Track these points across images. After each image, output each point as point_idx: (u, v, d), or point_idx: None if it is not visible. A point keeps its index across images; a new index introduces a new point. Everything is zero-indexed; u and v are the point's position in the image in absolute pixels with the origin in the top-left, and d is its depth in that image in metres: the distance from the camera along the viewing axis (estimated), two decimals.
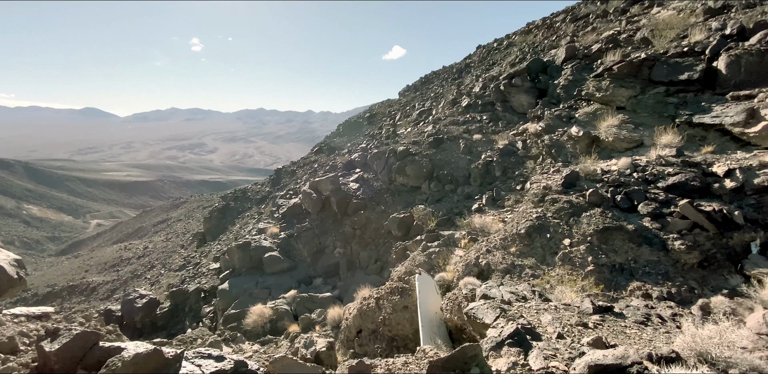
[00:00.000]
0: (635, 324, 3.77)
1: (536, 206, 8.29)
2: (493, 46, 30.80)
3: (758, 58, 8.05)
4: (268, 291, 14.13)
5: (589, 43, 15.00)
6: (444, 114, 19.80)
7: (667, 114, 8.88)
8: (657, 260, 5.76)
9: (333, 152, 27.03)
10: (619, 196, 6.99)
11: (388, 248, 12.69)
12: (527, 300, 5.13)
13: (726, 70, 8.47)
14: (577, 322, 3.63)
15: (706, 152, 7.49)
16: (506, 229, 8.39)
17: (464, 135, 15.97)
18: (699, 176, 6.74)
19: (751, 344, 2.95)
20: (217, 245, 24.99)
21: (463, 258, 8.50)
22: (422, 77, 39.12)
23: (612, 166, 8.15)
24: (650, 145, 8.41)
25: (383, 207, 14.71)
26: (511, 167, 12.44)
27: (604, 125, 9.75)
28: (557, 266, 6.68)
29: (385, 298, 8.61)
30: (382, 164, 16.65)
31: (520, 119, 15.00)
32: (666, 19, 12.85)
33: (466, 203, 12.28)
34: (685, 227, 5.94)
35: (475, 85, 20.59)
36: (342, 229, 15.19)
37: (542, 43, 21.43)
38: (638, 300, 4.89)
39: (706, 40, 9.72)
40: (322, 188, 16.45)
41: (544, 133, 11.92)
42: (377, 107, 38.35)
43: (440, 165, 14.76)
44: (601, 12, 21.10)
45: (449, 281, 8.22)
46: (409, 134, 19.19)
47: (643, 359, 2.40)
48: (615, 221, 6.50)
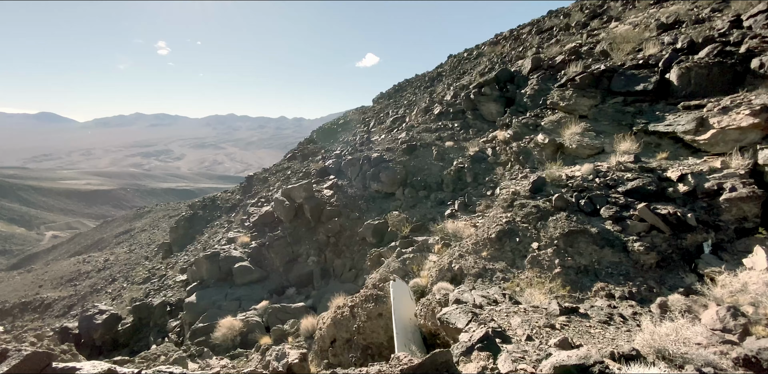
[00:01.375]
0: (599, 323, 3.91)
1: (506, 211, 8.49)
2: (464, 55, 31.70)
3: (706, 71, 8.68)
4: (239, 302, 13.65)
5: (553, 54, 15.72)
6: (417, 121, 20.08)
7: (626, 122, 9.40)
8: (619, 262, 6.02)
9: (307, 159, 26.73)
10: (582, 200, 7.28)
11: (362, 256, 12.59)
12: (498, 303, 5.21)
13: (677, 82, 9.08)
14: (545, 324, 3.72)
15: (661, 158, 7.96)
16: (478, 234, 8.54)
17: (437, 142, 16.24)
18: (655, 181, 7.15)
19: (705, 340, 3.12)
20: (184, 256, 23.97)
21: (437, 263, 8.56)
22: (396, 85, 39.63)
23: (576, 172, 8.49)
24: (610, 152, 8.85)
25: (358, 214, 14.63)
26: (482, 173, 12.73)
27: (568, 133, 10.18)
28: (526, 269, 6.85)
29: (360, 306, 8.51)
30: (356, 170, 16.61)
31: (489, 127, 15.43)
32: (623, 34, 13.68)
33: (439, 209, 12.42)
34: (643, 230, 6.26)
35: (447, 94, 21.05)
36: (316, 237, 14.96)
37: (510, 54, 22.27)
38: (602, 300, 5.07)
39: (660, 53, 10.41)
40: (296, 195, 16.19)
41: (513, 140, 12.31)
42: (351, 113, 38.42)
43: (414, 172, 14.90)
44: (564, 25, 22.23)
45: (423, 286, 8.24)
46: (383, 141, 19.31)
47: (605, 358, 2.48)
48: (579, 225, 6.76)
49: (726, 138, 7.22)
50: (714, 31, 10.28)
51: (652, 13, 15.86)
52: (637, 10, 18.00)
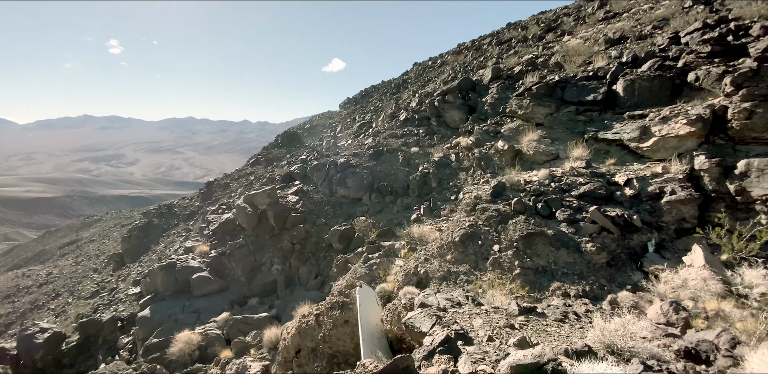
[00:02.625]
0: (555, 322, 4.08)
1: (468, 214, 8.70)
2: (428, 64, 32.45)
3: (648, 83, 9.42)
4: (197, 315, 12.97)
5: (512, 65, 16.46)
6: (384, 127, 20.24)
7: (578, 130, 9.97)
8: (573, 262, 6.34)
9: (271, 164, 26.09)
10: (539, 204, 7.62)
11: (329, 262, 12.41)
12: (461, 305, 5.30)
13: (623, 93, 9.78)
14: (505, 324, 3.82)
15: (610, 163, 8.51)
16: (442, 238, 8.68)
17: (403, 148, 16.42)
18: (605, 185, 7.62)
19: (650, 334, 3.33)
20: (137, 268, 22.51)
21: (403, 268, 8.60)
22: (362, 91, 39.81)
23: (533, 177, 8.89)
24: (564, 158, 9.35)
25: (324, 220, 14.43)
26: (446, 178, 13.01)
27: (525, 140, 10.65)
28: (488, 271, 7.03)
29: (325, 314, 8.36)
30: (322, 176, 16.43)
31: (453, 134, 15.83)
32: (575, 47, 14.58)
33: (405, 214, 12.52)
34: (594, 231, 6.64)
35: (412, 101, 21.41)
36: (280, 244, 14.58)
37: (471, 63, 23.07)
38: (558, 299, 5.30)
39: (607, 66, 11.18)
40: (259, 201, 15.72)
41: (475, 147, 12.70)
42: (318, 118, 38.10)
43: (380, 177, 14.96)
44: (522, 37, 23.39)
45: (390, 291, 8.23)
46: (349, 146, 19.26)
47: (559, 355, 2.58)
48: (537, 227, 7.05)
49: (666, 145, 7.85)
50: (655, 46, 11.20)
51: (600, 28, 17.05)
52: (588, 25, 19.30)
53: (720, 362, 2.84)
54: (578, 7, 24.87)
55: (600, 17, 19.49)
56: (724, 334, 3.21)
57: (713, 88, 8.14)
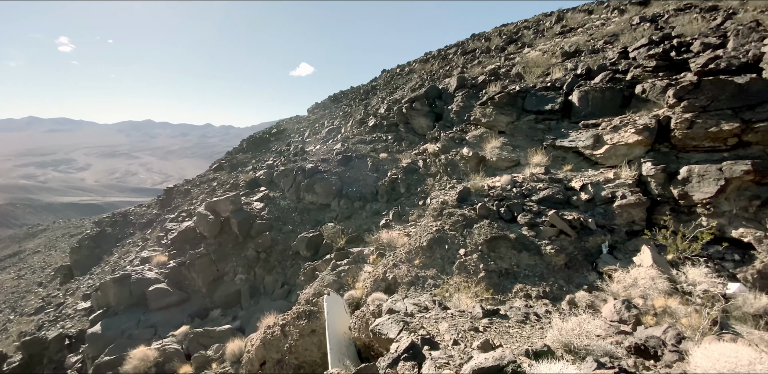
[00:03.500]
0: (517, 323, 4.20)
1: (436, 219, 8.83)
2: (396, 71, 32.92)
3: (601, 94, 10.03)
4: (153, 329, 12.22)
5: (476, 74, 17.02)
6: (352, 133, 20.23)
7: (537, 138, 10.44)
8: (534, 264, 6.58)
9: (235, 169, 25.27)
10: (502, 209, 7.86)
11: (296, 271, 12.13)
12: (429, 309, 5.33)
13: (578, 103, 10.36)
14: (469, 327, 3.89)
15: (567, 170, 8.95)
16: (410, 243, 8.74)
17: (371, 153, 16.47)
18: (562, 190, 8.00)
19: (603, 332, 3.49)
20: (87, 281, 20.95)
21: (372, 274, 8.55)
22: (331, 96, 39.67)
23: (496, 182, 9.18)
24: (525, 164, 9.74)
25: (291, 227, 14.12)
26: (414, 184, 13.16)
27: (489, 147, 11.00)
28: (455, 275, 7.14)
29: (292, 324, 8.13)
30: (289, 181, 16.11)
31: (420, 140, 16.09)
32: (534, 59, 15.32)
33: (374, 220, 12.51)
34: (553, 234, 6.93)
35: (381, 107, 21.58)
36: (244, 253, 14.08)
37: (438, 72, 23.64)
38: (520, 300, 5.47)
39: (564, 77, 11.81)
40: (221, 208, 15.15)
41: (441, 153, 12.96)
42: (285, 122, 37.44)
43: (349, 182, 14.89)
44: (485, 48, 24.29)
45: (358, 298, 8.16)
46: (318, 152, 19.06)
47: (520, 356, 2.65)
48: (500, 231, 7.27)
49: (617, 153, 8.38)
50: (606, 60, 11.98)
51: (557, 42, 18.05)
52: (546, 38, 20.38)
53: (667, 357, 3.03)
54: (537, 21, 26.24)
55: (557, 31, 20.66)
56: (671, 330, 3.44)
57: (658, 100, 8.80)
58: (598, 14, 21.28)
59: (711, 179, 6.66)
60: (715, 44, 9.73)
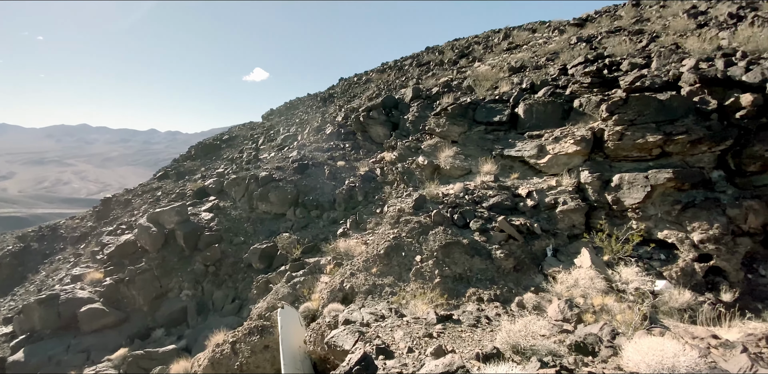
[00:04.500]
0: (469, 327, 4.31)
1: (393, 227, 8.89)
2: (354, 80, 33.16)
3: (543, 107, 10.74)
4: (86, 354, 11.04)
5: (430, 86, 17.58)
6: (309, 140, 19.95)
7: (487, 148, 10.93)
8: (486, 268, 6.81)
9: (182, 178, 23.85)
10: (456, 215, 8.10)
11: (248, 284, 11.58)
12: (385, 318, 5.32)
13: (524, 115, 11.01)
14: (424, 334, 3.92)
15: (514, 178, 9.45)
16: (368, 251, 8.71)
17: (329, 161, 16.32)
18: (510, 197, 8.42)
19: (548, 331, 3.68)
20: (9, 303, 18.54)
21: (329, 284, 8.40)
22: (287, 102, 38.99)
23: (450, 190, 9.46)
24: (476, 172, 10.15)
25: (242, 238, 13.52)
26: (372, 192, 13.20)
27: (443, 156, 11.35)
28: (411, 282, 7.20)
29: (243, 340, 7.73)
30: (241, 190, 15.48)
31: (378, 148, 16.23)
32: (483, 73, 16.13)
33: (331, 228, 12.33)
34: (503, 239, 7.25)
35: (338, 115, 21.55)
36: (191, 267, 13.23)
37: (394, 82, 24.13)
38: (473, 304, 5.63)
39: (510, 91, 12.53)
40: (166, 220, 14.18)
41: (398, 161, 13.16)
42: (238, 129, 36.10)
43: (306, 191, 14.60)
44: (439, 61, 25.23)
45: (314, 310, 7.96)
46: (272, 159, 18.55)
47: (471, 359, 2.71)
48: (454, 237, 7.47)
49: (558, 162, 8.99)
50: (548, 76, 12.90)
51: (505, 57, 19.19)
52: (494, 54, 21.59)
53: (603, 352, 3.25)
54: (486, 37, 27.78)
55: (504, 47, 21.98)
56: (606, 327, 3.70)
57: (593, 114, 9.59)
58: (541, 33, 22.97)
59: (639, 186, 7.34)
60: (641, 64, 10.86)
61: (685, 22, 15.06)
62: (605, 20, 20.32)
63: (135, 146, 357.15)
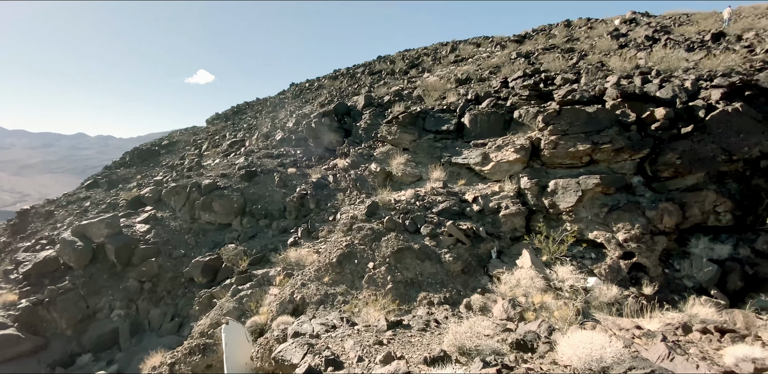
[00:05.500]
0: (418, 332, 4.36)
1: (346, 234, 8.81)
2: (306, 85, 32.76)
3: (487, 117, 11.32)
4: None
5: (382, 94, 17.84)
6: (258, 146, 19.28)
7: (436, 155, 11.29)
8: (436, 272, 6.97)
9: (115, 186, 21.83)
10: (407, 221, 8.23)
11: (189, 300, 10.80)
12: (336, 328, 5.21)
13: (469, 125, 11.53)
14: (374, 341, 3.89)
15: (461, 184, 9.82)
16: (320, 260, 8.54)
17: (279, 168, 15.86)
18: (458, 203, 8.72)
19: (492, 331, 3.82)
20: None
21: (278, 296, 8.10)
22: (234, 107, 37.45)
23: (402, 196, 9.60)
24: (427, 179, 10.42)
25: (183, 251, 12.62)
26: (324, 199, 13.00)
27: (395, 163, 11.53)
28: (364, 289, 7.16)
29: (183, 361, 7.20)
30: (182, 199, 14.50)
31: (330, 155, 16.09)
32: (432, 83, 16.71)
33: (281, 238, 11.93)
34: (451, 243, 7.47)
35: (289, 121, 21.10)
36: (123, 284, 12.06)
37: (347, 89, 24.19)
38: (424, 308, 5.71)
39: (457, 101, 13.08)
40: (94, 233, 12.85)
41: (351, 168, 13.13)
42: (179, 134, 33.93)
43: (254, 199, 14.02)
44: (390, 70, 25.74)
45: (263, 324, 7.61)
46: (217, 166, 17.63)
47: (418, 364, 2.73)
48: (406, 243, 7.57)
49: (501, 169, 9.50)
50: (491, 88, 13.65)
51: (452, 69, 20.05)
52: (443, 65, 22.49)
53: (541, 348, 3.44)
54: (435, 49, 28.89)
55: (451, 60, 22.99)
56: (543, 324, 3.93)
57: (531, 124, 10.28)
58: (484, 47, 24.36)
59: (571, 190, 7.97)
60: (572, 79, 11.88)
61: (609, 42, 16.80)
62: (541, 38, 22.06)
63: (59, 152, 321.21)
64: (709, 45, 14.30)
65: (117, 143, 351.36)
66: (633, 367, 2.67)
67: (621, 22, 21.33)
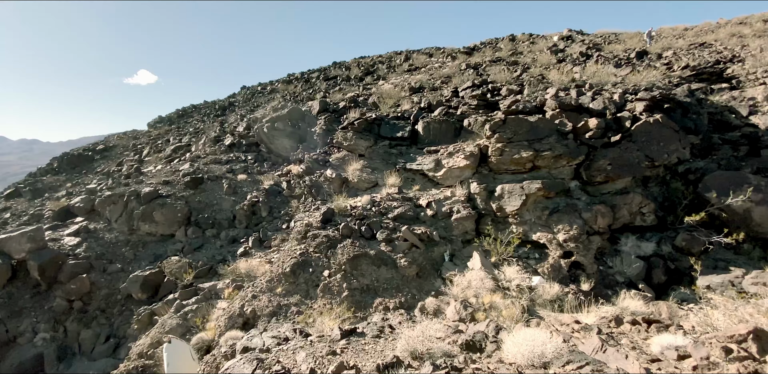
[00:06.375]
0: (373, 339, 4.34)
1: (300, 242, 8.61)
2: (258, 89, 31.85)
3: (439, 125, 11.68)
4: None
5: (337, 100, 17.78)
6: (205, 152, 18.33)
7: (391, 161, 11.43)
8: (391, 277, 7.01)
9: (40, 196, 19.63)
10: (363, 227, 8.22)
11: (126, 319, 9.92)
12: (289, 340, 5.04)
13: (423, 132, 11.83)
14: (327, 352, 3.82)
15: (416, 189, 10.01)
16: (273, 270, 8.25)
17: (228, 175, 15.17)
18: (413, 208, 8.88)
19: (443, 334, 3.89)
20: None
21: (227, 310, 7.70)
22: (180, 109, 35.42)
23: (358, 202, 9.59)
24: (382, 185, 10.51)
25: (120, 265, 11.59)
26: (277, 206, 12.62)
27: (351, 169, 11.51)
28: (319, 298, 7.01)
29: None
30: (119, 209, 13.35)
31: (284, 161, 15.70)
32: (387, 91, 16.96)
33: (231, 248, 11.37)
34: (407, 248, 7.57)
35: (240, 125, 20.35)
36: (49, 304, 10.80)
37: (301, 94, 23.84)
38: (379, 314, 5.71)
39: (411, 109, 13.37)
40: (14, 248, 11.43)
41: (305, 174, 12.90)
42: (117, 138, 31.33)
43: (200, 208, 13.27)
44: (346, 77, 25.80)
45: (209, 341, 7.18)
46: (159, 173, 16.50)
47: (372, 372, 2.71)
48: (361, 249, 7.54)
49: (452, 175, 9.82)
50: (443, 97, 14.12)
51: (406, 78, 20.52)
52: (397, 74, 22.94)
53: (489, 348, 3.57)
54: (390, 58, 29.43)
55: (405, 68, 23.54)
56: (491, 323, 4.09)
57: (480, 132, 10.76)
58: (437, 58, 25.23)
59: (516, 195, 8.42)
60: (516, 90, 12.63)
61: (548, 57, 18.13)
62: (489, 51, 23.31)
63: None
64: (634, 62, 15.94)
65: (43, 147, 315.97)
66: (570, 361, 2.85)
67: (559, 39, 23.16)
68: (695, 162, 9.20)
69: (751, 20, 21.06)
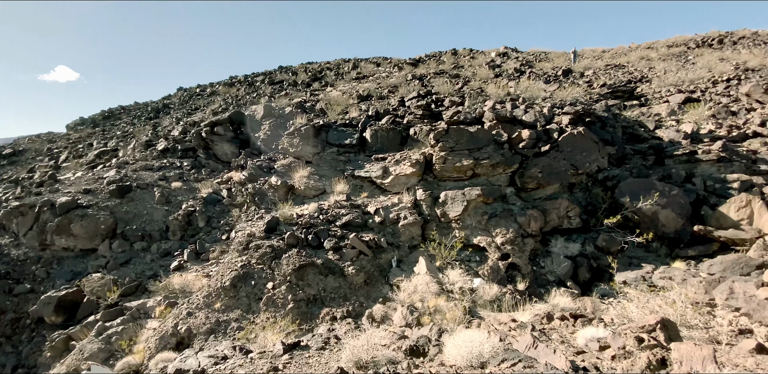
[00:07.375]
0: (317, 351, 4.24)
1: (241, 254, 8.21)
2: (196, 91, 30.13)
3: (386, 133, 11.87)
4: None
5: (283, 105, 17.34)
6: (134, 157, 16.86)
7: (340, 168, 11.38)
8: (339, 286, 6.93)
9: None
10: (310, 236, 8.05)
11: (37, 346, 8.69)
12: (227, 359, 4.76)
13: (370, 140, 11.94)
14: (268, 368, 3.66)
15: (364, 196, 10.05)
16: (210, 284, 7.77)
17: (160, 182, 14.06)
18: (361, 215, 8.89)
19: (388, 340, 3.92)
20: None
21: (158, 330, 7.09)
22: (106, 111, 32.27)
23: (305, 210, 9.39)
24: (330, 192, 10.40)
25: (29, 285, 10.14)
26: (217, 216, 11.93)
27: (297, 176, 11.25)
28: (262, 312, 6.72)
29: None
30: (29, 221, 11.74)
31: (224, 167, 14.93)
32: (335, 97, 16.92)
33: (163, 262, 10.49)
34: (355, 255, 7.54)
35: (175, 129, 19.03)
36: None
37: (244, 98, 22.95)
38: (326, 324, 5.60)
39: (359, 117, 13.45)
40: None
41: (248, 182, 12.35)
42: (29, 141, 27.70)
43: (127, 219, 12.11)
44: (293, 81, 25.34)
45: (137, 365, 6.54)
46: (79, 180, 14.82)
47: None
48: (308, 258, 7.37)
49: (399, 182, 10.01)
50: (390, 106, 14.39)
51: (354, 85, 20.65)
52: (345, 81, 23.01)
53: (431, 351, 3.67)
54: (338, 65, 29.47)
55: (353, 76, 23.71)
56: (434, 327, 4.21)
57: (425, 141, 11.10)
58: (384, 67, 25.75)
59: (458, 201, 8.80)
60: (458, 102, 13.26)
61: (487, 72, 19.34)
62: (433, 63, 24.30)
63: None
64: (561, 79, 17.57)
65: None
66: (505, 359, 3.02)
67: (496, 55, 24.84)
68: (612, 170, 10.29)
69: (657, 45, 24.32)
